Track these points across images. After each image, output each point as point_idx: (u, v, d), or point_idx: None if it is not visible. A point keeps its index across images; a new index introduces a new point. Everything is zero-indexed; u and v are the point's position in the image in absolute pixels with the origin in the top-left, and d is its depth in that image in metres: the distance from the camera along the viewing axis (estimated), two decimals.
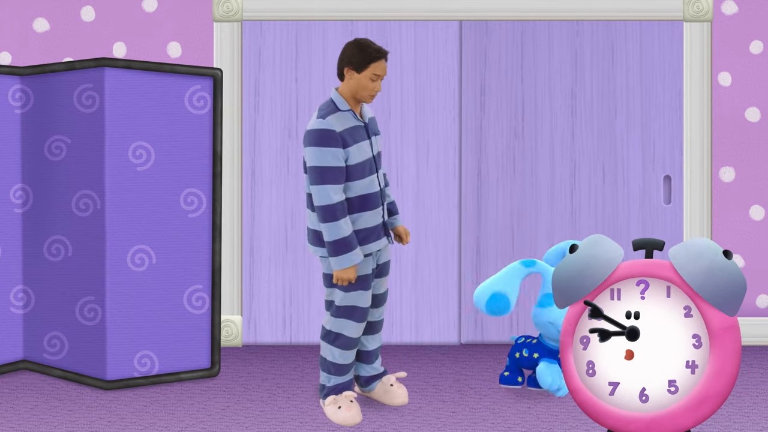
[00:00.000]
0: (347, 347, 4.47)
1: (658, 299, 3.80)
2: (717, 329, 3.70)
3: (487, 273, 5.93)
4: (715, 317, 3.71)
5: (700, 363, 3.75)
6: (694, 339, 3.75)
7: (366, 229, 4.41)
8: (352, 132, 4.34)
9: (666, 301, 3.79)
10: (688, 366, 3.75)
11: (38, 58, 5.88)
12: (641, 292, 3.82)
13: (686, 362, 3.75)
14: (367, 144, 4.40)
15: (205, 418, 4.47)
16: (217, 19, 5.87)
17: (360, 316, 4.44)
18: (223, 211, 5.88)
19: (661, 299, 3.79)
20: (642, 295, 3.81)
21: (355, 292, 4.41)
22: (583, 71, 5.93)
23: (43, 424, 4.37)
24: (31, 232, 5.20)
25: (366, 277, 4.43)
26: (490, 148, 5.94)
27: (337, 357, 4.47)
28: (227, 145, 5.88)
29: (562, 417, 4.48)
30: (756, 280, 5.92)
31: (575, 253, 3.90)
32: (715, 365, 3.70)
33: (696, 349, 3.75)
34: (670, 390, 3.76)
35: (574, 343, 3.89)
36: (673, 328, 3.76)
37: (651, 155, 5.93)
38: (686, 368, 3.74)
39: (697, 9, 5.85)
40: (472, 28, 5.92)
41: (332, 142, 4.24)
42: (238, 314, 5.91)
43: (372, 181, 4.41)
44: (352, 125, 4.35)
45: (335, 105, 4.35)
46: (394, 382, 4.68)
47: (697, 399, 3.71)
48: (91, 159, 4.94)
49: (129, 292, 4.97)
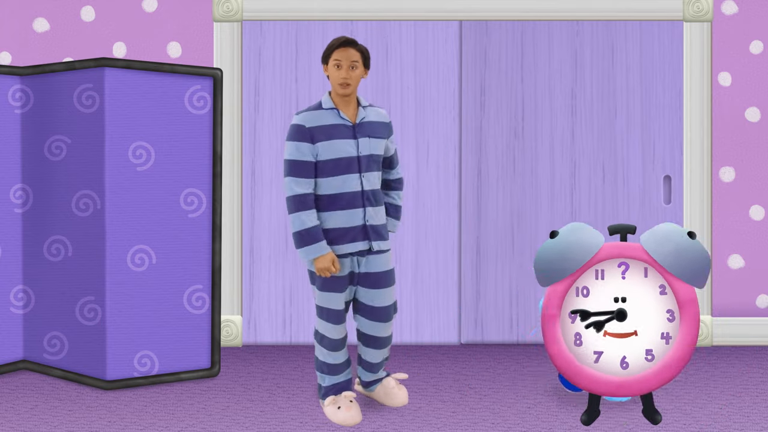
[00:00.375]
0: (332, 348, 4.46)
1: (638, 279, 4.33)
2: (684, 301, 4.27)
3: (487, 273, 5.93)
4: (682, 290, 4.27)
5: (673, 334, 4.31)
6: (668, 314, 4.32)
7: (335, 230, 4.35)
8: (329, 130, 4.33)
9: (644, 281, 4.33)
10: (663, 337, 4.31)
11: (38, 58, 5.88)
12: (622, 273, 4.33)
13: (661, 334, 4.31)
14: (350, 143, 4.35)
15: (205, 418, 4.47)
16: (217, 19, 5.87)
17: (333, 317, 4.40)
18: (223, 211, 5.88)
19: (640, 279, 4.33)
20: (623, 276, 4.33)
21: (326, 293, 4.39)
22: (583, 71, 5.93)
23: (43, 424, 4.37)
24: (31, 232, 5.20)
25: (338, 279, 4.38)
26: (490, 148, 5.94)
27: (325, 356, 4.47)
28: (227, 145, 5.88)
29: (562, 417, 4.48)
30: (756, 280, 5.92)
31: (557, 238, 4.32)
32: (682, 334, 4.27)
33: (670, 322, 4.32)
34: (647, 358, 4.31)
35: (562, 316, 4.34)
36: (652, 305, 4.32)
37: (651, 155, 5.93)
38: (661, 339, 4.31)
39: (697, 9, 5.85)
40: (472, 28, 5.92)
41: (298, 136, 4.30)
42: (238, 314, 5.91)
43: (347, 180, 4.34)
44: (331, 123, 4.34)
45: (319, 103, 4.40)
46: (394, 384, 4.68)
47: (666, 364, 4.27)
48: (91, 159, 4.94)
49: (129, 292, 4.97)
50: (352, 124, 4.37)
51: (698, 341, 5.91)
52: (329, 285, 4.38)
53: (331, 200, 4.35)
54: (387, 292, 4.48)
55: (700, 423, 4.37)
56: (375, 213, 4.42)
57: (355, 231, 4.37)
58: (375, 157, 4.42)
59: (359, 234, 4.38)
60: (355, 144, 4.35)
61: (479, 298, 5.95)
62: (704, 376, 5.20)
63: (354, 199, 4.35)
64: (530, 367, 5.42)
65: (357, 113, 4.42)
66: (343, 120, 4.37)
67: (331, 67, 4.34)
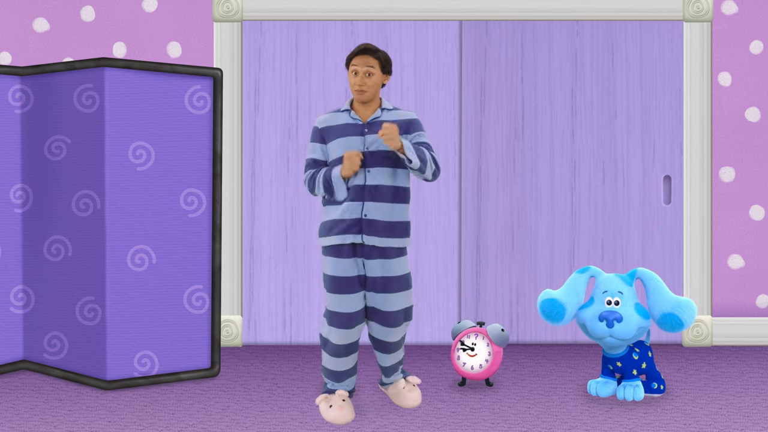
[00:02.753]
0: (334, 354, 4.45)
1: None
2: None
3: (487, 273, 5.93)
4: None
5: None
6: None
7: (333, 221, 4.42)
8: (339, 129, 4.46)
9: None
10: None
11: (38, 58, 5.88)
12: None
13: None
14: (356, 140, 4.44)
15: (205, 418, 4.47)
16: (217, 19, 5.87)
17: (338, 321, 4.39)
18: (223, 211, 5.88)
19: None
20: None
21: (335, 294, 4.39)
22: (583, 71, 5.93)
23: (43, 424, 4.37)
24: (31, 232, 5.20)
25: (342, 280, 4.38)
26: (490, 148, 5.94)
27: (327, 362, 4.48)
28: (227, 145, 5.88)
29: (562, 417, 4.48)
30: (756, 280, 5.92)
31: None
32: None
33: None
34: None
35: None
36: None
37: (651, 155, 5.93)
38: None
39: (697, 9, 5.85)
40: (472, 28, 5.92)
41: (313, 137, 4.54)
42: (238, 314, 5.91)
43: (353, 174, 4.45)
44: (342, 123, 4.47)
45: (341, 106, 4.51)
46: (406, 386, 4.69)
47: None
48: (91, 159, 4.94)
49: (129, 292, 4.97)
50: (362, 122, 4.44)
51: (698, 341, 5.91)
52: (332, 285, 4.39)
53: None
54: (395, 298, 4.43)
55: (700, 423, 4.37)
56: (375, 208, 4.38)
57: (350, 223, 4.38)
58: (383, 153, 4.41)
59: (354, 226, 4.38)
60: (362, 140, 4.42)
61: (479, 298, 5.95)
62: (704, 376, 5.20)
63: (355, 192, 4.40)
64: (530, 367, 5.42)
65: (373, 114, 4.48)
66: (354, 119, 4.47)
67: (350, 73, 4.48)
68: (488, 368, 4.96)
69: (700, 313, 5.91)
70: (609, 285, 4.76)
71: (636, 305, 4.72)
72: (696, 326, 5.90)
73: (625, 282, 4.76)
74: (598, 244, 5.93)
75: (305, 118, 5.94)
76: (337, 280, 4.39)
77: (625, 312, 4.68)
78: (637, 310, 4.70)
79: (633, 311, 4.69)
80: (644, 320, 4.69)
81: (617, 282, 4.76)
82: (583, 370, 5.34)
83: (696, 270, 5.90)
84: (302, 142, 5.94)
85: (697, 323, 5.90)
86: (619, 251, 5.93)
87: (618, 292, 4.73)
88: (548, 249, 5.93)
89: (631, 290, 4.76)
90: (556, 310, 4.75)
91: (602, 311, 4.70)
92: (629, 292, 4.75)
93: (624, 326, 4.66)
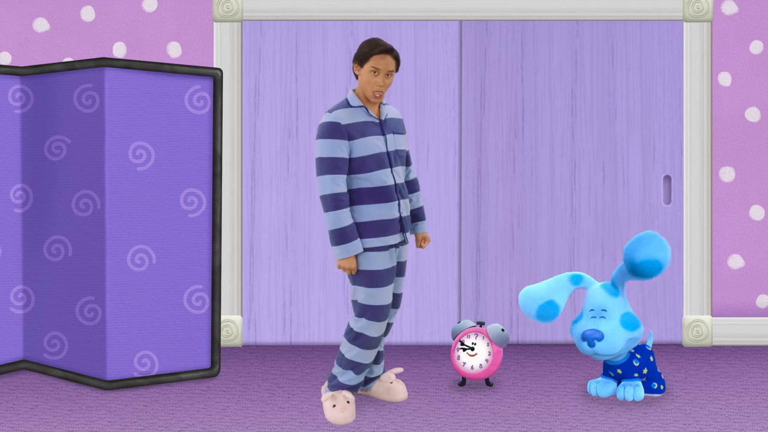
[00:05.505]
0: (367, 347, 4.46)
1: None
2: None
3: (487, 273, 5.93)
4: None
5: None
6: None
7: (379, 222, 4.41)
8: (362, 127, 4.39)
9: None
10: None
11: (38, 58, 5.88)
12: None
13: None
14: (380, 139, 4.42)
15: (205, 418, 4.47)
16: (217, 19, 5.87)
17: (379, 314, 4.43)
18: (223, 211, 5.88)
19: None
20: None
21: (377, 288, 4.40)
22: (583, 71, 5.93)
23: (43, 424, 4.37)
24: (31, 232, 5.20)
25: (389, 271, 4.44)
26: (490, 148, 5.94)
27: (356, 356, 4.46)
28: (227, 145, 5.88)
29: (562, 417, 4.48)
30: (756, 280, 5.92)
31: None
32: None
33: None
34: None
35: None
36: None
37: (651, 155, 5.93)
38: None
39: (697, 9, 5.85)
40: (472, 28, 5.92)
41: (335, 133, 4.33)
42: (238, 314, 5.91)
43: (383, 175, 4.41)
44: (362, 120, 4.41)
45: (347, 101, 4.46)
46: (393, 380, 4.71)
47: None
48: (91, 159, 4.94)
49: (129, 292, 4.97)
50: (379, 121, 4.44)
51: (698, 341, 5.91)
52: (380, 280, 4.40)
53: (370, 194, 4.41)
54: (403, 281, 4.69)
55: (700, 423, 4.37)
56: (405, 206, 4.53)
57: (394, 223, 4.46)
58: (401, 153, 4.54)
59: (396, 226, 4.48)
60: (383, 140, 4.43)
61: (479, 298, 5.95)
62: (704, 376, 5.20)
63: (390, 192, 4.45)
64: (530, 367, 5.42)
65: (380, 111, 4.51)
66: (372, 117, 4.45)
67: (367, 71, 4.37)
68: (488, 368, 4.96)
69: (700, 313, 5.91)
70: (594, 302, 4.72)
71: (623, 317, 4.67)
72: (696, 326, 5.90)
73: (610, 294, 4.72)
74: (598, 243, 5.93)
75: (305, 118, 5.94)
76: (386, 274, 4.45)
77: (609, 328, 4.64)
78: (623, 323, 4.65)
79: (618, 326, 4.64)
80: (631, 332, 4.65)
81: (603, 297, 4.71)
82: (583, 370, 5.34)
83: (696, 270, 5.90)
84: (302, 142, 5.94)
85: (697, 323, 5.90)
86: (619, 251, 5.93)
87: (602, 311, 4.70)
88: (548, 249, 5.93)
89: (617, 300, 4.71)
90: (551, 311, 4.74)
91: (584, 330, 4.67)
92: (615, 304, 4.70)
93: (606, 344, 4.61)
